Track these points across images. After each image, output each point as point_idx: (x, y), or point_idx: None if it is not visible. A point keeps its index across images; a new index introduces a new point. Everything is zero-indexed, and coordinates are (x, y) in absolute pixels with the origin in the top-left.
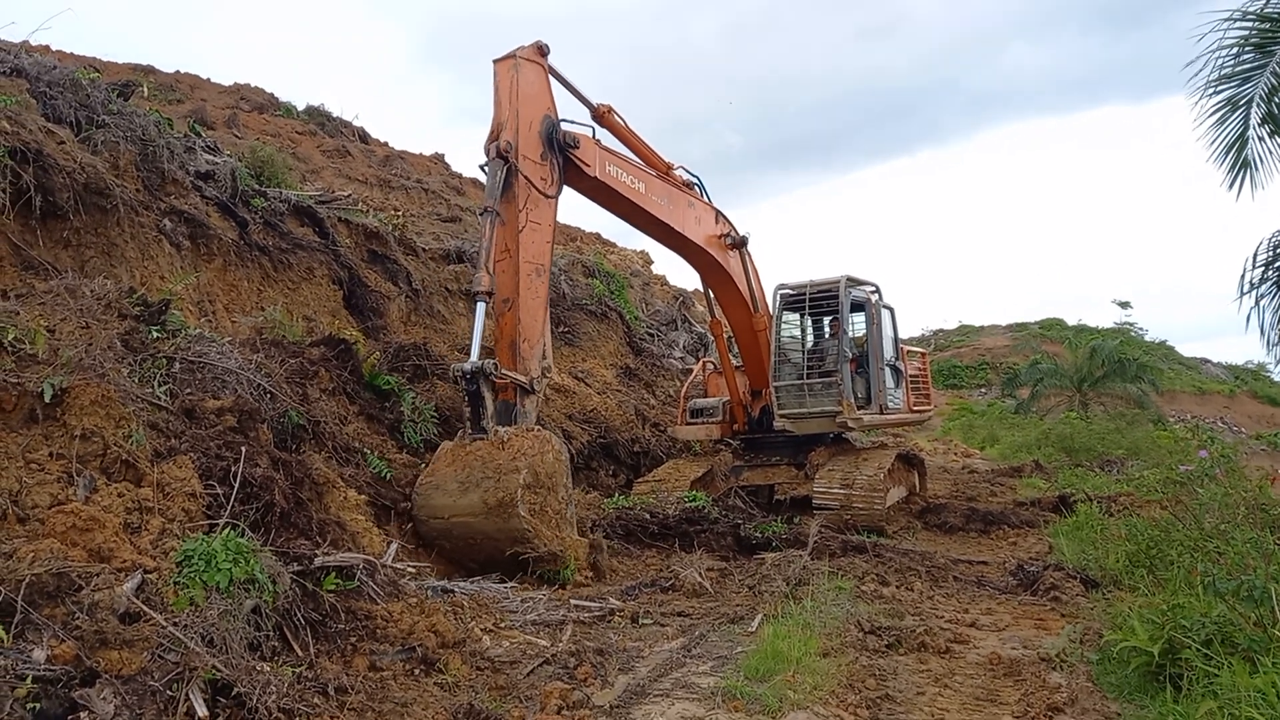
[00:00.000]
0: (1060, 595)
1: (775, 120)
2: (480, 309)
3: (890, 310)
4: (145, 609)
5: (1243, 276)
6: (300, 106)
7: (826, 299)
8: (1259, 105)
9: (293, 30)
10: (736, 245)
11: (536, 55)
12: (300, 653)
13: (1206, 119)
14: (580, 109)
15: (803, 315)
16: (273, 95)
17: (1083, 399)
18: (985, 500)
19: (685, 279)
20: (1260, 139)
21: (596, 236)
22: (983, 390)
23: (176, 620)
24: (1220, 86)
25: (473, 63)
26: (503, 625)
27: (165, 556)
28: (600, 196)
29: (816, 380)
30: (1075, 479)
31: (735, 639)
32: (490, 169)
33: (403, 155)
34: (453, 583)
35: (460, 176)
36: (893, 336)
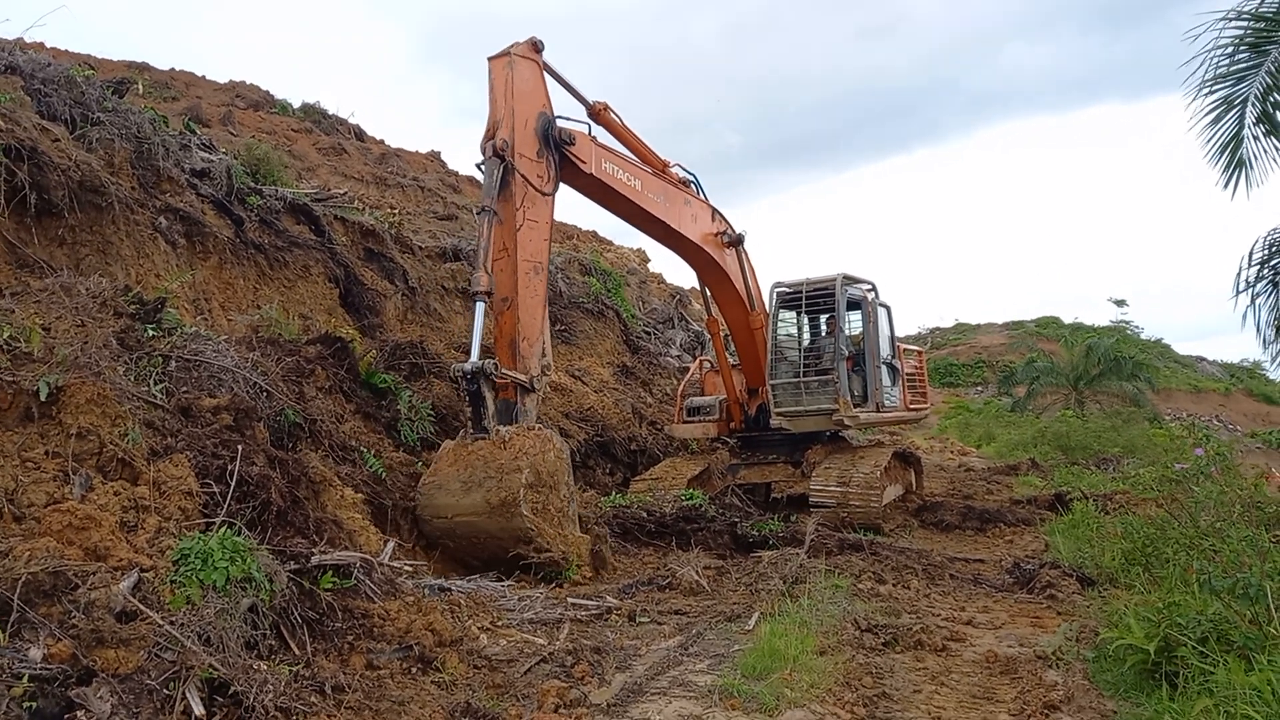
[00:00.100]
0: (1056, 593)
1: (775, 120)
2: (479, 308)
3: (887, 308)
4: (142, 608)
5: (1239, 275)
6: (296, 104)
7: (823, 297)
8: (1254, 104)
9: (293, 30)
10: (733, 243)
11: (531, 52)
12: (297, 651)
13: (1202, 118)
14: (576, 106)
15: (799, 313)
16: (268, 93)
17: (1079, 397)
18: (981, 498)
19: (682, 277)
20: (1255, 138)
21: (593, 234)
22: (979, 388)
23: (173, 619)
24: (1215, 86)
25: (472, 62)
26: (500, 623)
27: (162, 555)
28: (596, 194)
29: (813, 378)
30: (1071, 477)
31: (732, 637)
32: (487, 167)
33: (399, 153)
34: (450, 581)
35: (457, 174)
36: (889, 334)
